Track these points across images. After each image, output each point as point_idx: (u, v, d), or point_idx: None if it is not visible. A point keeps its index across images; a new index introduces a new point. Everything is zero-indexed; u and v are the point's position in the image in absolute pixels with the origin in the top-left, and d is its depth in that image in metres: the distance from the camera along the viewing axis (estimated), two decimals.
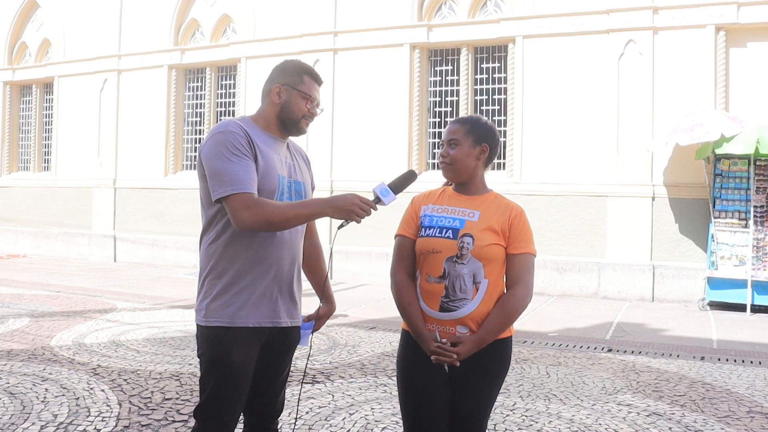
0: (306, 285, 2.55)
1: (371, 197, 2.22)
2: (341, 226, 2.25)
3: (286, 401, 4.19)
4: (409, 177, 2.30)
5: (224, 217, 2.24)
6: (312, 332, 2.49)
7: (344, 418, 3.97)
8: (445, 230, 2.26)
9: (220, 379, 2.21)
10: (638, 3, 9.06)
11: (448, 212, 2.31)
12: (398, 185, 2.26)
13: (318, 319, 2.51)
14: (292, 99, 2.32)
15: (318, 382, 4.72)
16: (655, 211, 8.96)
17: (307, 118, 2.36)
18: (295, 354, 2.55)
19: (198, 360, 2.33)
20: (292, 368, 2.38)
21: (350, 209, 2.14)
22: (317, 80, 2.39)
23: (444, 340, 2.20)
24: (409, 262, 2.34)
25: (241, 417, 2.39)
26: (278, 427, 2.51)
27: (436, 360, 2.19)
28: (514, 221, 2.28)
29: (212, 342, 2.22)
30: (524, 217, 2.32)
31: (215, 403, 2.22)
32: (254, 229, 2.16)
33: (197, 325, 2.29)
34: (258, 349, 2.29)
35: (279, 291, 2.30)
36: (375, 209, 2.18)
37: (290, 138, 2.46)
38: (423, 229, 2.31)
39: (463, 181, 2.36)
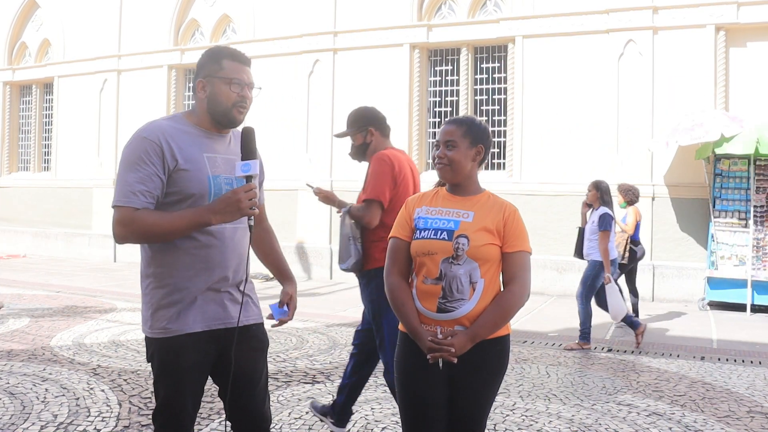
0: (303, 285, 2.53)
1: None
2: (250, 227, 2.15)
3: (285, 401, 4.20)
4: (246, 135, 2.17)
5: None
6: (288, 316, 2.36)
7: None
8: (439, 232, 2.26)
9: (171, 385, 2.18)
10: (638, 3, 9.06)
11: (443, 213, 2.31)
12: (248, 150, 2.14)
13: (289, 302, 2.38)
14: (215, 89, 2.16)
15: (318, 382, 4.71)
16: (655, 210, 8.96)
17: (238, 105, 2.17)
18: (295, 354, 2.53)
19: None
20: (292, 368, 2.35)
21: (236, 206, 2.05)
22: (241, 60, 2.22)
23: (439, 336, 2.20)
24: (403, 264, 2.34)
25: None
26: (278, 427, 2.49)
27: (433, 358, 2.19)
28: (508, 219, 2.29)
29: (159, 351, 2.17)
30: (518, 216, 2.32)
31: (169, 409, 2.19)
32: (130, 243, 2.10)
33: (145, 336, 2.23)
34: (212, 352, 2.20)
35: (228, 291, 2.22)
36: (255, 187, 2.10)
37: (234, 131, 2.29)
38: (418, 231, 2.31)
39: (459, 182, 2.36)
